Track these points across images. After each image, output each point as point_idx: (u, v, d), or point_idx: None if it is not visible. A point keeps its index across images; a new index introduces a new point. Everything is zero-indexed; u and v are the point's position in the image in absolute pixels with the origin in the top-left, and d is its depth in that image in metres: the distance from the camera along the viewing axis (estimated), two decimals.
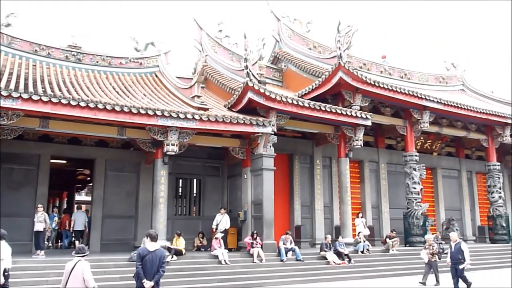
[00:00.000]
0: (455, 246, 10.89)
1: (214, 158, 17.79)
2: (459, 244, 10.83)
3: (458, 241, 10.96)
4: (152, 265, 6.59)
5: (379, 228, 20.25)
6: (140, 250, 6.75)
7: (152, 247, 6.72)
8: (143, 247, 6.82)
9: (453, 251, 10.86)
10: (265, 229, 14.73)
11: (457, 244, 10.86)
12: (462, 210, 23.77)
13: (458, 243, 10.88)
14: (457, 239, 11.04)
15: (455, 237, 11.06)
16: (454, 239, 11.01)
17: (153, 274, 6.58)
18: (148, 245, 6.75)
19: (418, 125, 19.24)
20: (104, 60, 18.13)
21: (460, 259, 10.66)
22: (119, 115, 12.43)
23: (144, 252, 6.66)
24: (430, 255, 12.14)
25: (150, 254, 6.63)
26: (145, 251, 6.67)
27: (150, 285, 6.52)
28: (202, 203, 17.71)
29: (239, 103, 15.43)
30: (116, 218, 15.82)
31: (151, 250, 6.67)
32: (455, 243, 10.93)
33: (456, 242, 10.93)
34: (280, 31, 22.50)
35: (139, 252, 6.68)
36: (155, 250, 6.69)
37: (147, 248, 6.70)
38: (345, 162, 17.57)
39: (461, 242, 10.90)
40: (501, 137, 22.16)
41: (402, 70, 24.75)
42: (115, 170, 16.18)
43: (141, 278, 6.52)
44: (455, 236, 11.13)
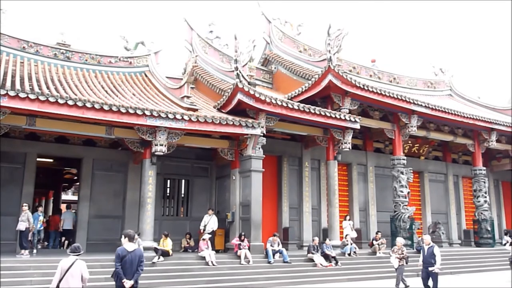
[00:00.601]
0: (428, 249, 10.69)
1: (203, 159, 17.75)
2: (432, 248, 10.63)
3: (431, 244, 10.78)
4: (131, 264, 6.75)
5: (367, 230, 20.36)
6: (119, 250, 6.83)
7: (130, 247, 6.88)
8: (122, 248, 6.90)
9: (426, 254, 10.69)
10: (253, 230, 14.74)
11: (430, 248, 10.67)
12: (448, 214, 24.00)
13: (431, 246, 10.68)
14: (430, 242, 10.87)
15: (428, 241, 10.89)
16: (427, 242, 10.84)
17: (133, 274, 6.75)
18: (126, 245, 6.88)
19: (406, 129, 19.40)
20: (93, 59, 17.99)
21: (432, 263, 10.49)
22: (107, 114, 12.35)
23: (123, 252, 6.79)
24: (399, 259, 11.72)
25: (129, 254, 6.79)
26: (124, 251, 6.80)
27: (130, 284, 6.66)
28: (190, 204, 17.65)
29: (228, 104, 15.43)
30: (103, 218, 15.70)
31: (130, 250, 6.83)
32: (428, 247, 10.73)
33: (429, 245, 10.74)
34: (271, 33, 22.53)
35: (119, 253, 6.79)
36: (133, 250, 6.86)
37: (126, 249, 6.83)
38: (333, 165, 17.64)
39: (434, 246, 10.72)
40: (487, 142, 22.43)
41: (391, 74, 24.95)
42: (102, 170, 16.06)
43: (121, 278, 6.65)
44: (428, 239, 10.97)
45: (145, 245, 13.07)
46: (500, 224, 26.33)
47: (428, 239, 10.94)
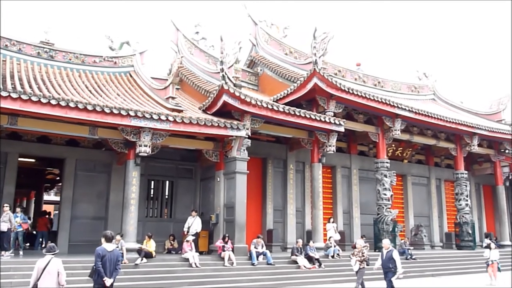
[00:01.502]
0: (386, 253, 10.17)
1: (187, 160, 17.68)
2: (390, 252, 10.12)
3: (390, 248, 10.27)
4: (110, 264, 7.21)
5: (350, 233, 20.50)
6: (100, 250, 7.22)
7: (109, 247, 7.32)
8: (102, 248, 7.27)
9: (384, 258, 10.18)
10: (237, 232, 14.72)
11: (388, 252, 10.16)
12: (431, 217, 24.30)
13: (390, 251, 10.18)
14: (389, 246, 10.39)
15: (387, 245, 10.40)
16: (386, 246, 10.33)
17: (112, 272, 7.21)
18: (106, 246, 7.30)
19: (390, 133, 19.60)
20: (77, 58, 17.80)
21: (390, 267, 9.96)
22: (91, 114, 12.23)
23: (103, 252, 7.20)
24: (359, 262, 11.08)
25: (108, 253, 7.23)
26: (104, 251, 7.22)
27: (110, 282, 7.13)
28: (174, 205, 17.56)
29: (214, 105, 15.40)
30: (85, 219, 15.54)
31: (109, 250, 7.27)
32: (387, 251, 10.21)
33: (388, 249, 10.23)
34: (257, 35, 22.57)
35: (99, 252, 7.18)
36: (112, 250, 7.33)
37: (105, 249, 7.26)
38: (318, 167, 17.73)
39: (393, 250, 10.23)
40: (469, 146, 22.79)
41: (376, 78, 25.19)
42: (85, 170, 15.90)
43: (102, 276, 7.06)
44: (387, 243, 10.49)
45: (128, 246, 12.97)
46: (481, 227, 26.75)
47: (387, 243, 10.50)
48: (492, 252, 14.99)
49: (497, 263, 14.80)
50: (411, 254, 18.25)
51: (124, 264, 12.51)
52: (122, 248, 12.74)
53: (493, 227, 27.50)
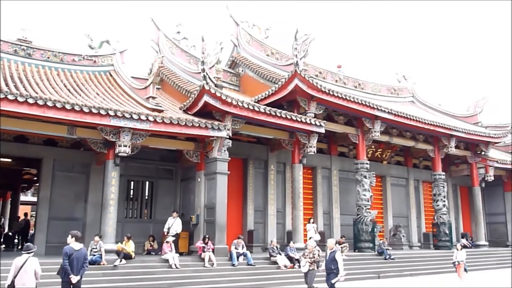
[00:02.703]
0: (329, 254, 9.68)
1: (168, 161, 17.55)
2: (333, 253, 9.60)
3: (334, 249, 9.75)
4: (77, 262, 7.57)
5: (330, 233, 20.63)
6: (67, 249, 7.59)
7: (77, 246, 7.67)
8: (69, 247, 7.64)
9: (327, 259, 9.69)
10: (217, 233, 14.69)
11: (332, 253, 9.64)
12: (409, 217, 24.65)
13: (333, 251, 9.66)
14: (334, 246, 9.87)
15: (331, 245, 9.86)
16: (331, 246, 9.81)
17: (78, 270, 7.57)
18: (73, 245, 7.66)
19: (370, 134, 19.82)
20: (56, 56, 17.50)
21: (332, 269, 9.47)
22: (69, 113, 12.05)
23: (70, 251, 7.58)
24: (310, 263, 10.48)
25: (75, 252, 7.60)
26: (71, 250, 7.59)
27: (76, 279, 7.50)
28: (154, 206, 17.42)
29: (194, 106, 15.34)
30: (63, 220, 15.24)
31: (76, 249, 7.64)
32: (330, 251, 9.71)
33: (331, 250, 9.71)
34: (238, 35, 22.57)
35: (66, 251, 7.55)
36: (80, 249, 7.68)
37: (72, 247, 7.62)
38: (298, 168, 17.82)
39: (336, 251, 9.72)
40: (447, 148, 23.20)
41: (356, 80, 25.44)
42: (63, 171, 15.63)
43: (68, 274, 7.42)
44: (332, 243, 9.95)
45: (107, 247, 12.82)
46: (457, 228, 27.26)
47: (331, 243, 9.95)
48: (459, 253, 15.09)
49: (463, 264, 14.84)
50: (390, 254, 18.49)
51: (102, 265, 12.39)
52: (100, 249, 12.60)
53: (469, 227, 28.08)
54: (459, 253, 15.12)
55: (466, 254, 15.41)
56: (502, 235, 28.49)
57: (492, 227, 29.21)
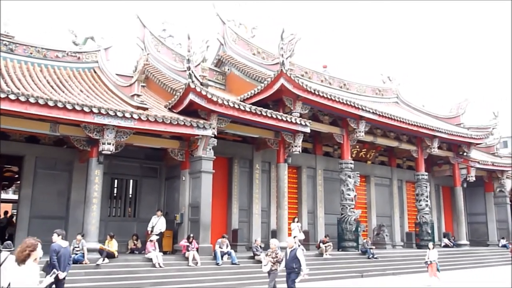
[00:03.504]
0: (290, 253, 9.33)
1: (152, 159, 17.44)
2: (294, 251, 9.28)
3: (294, 247, 9.41)
4: (64, 259, 7.95)
5: (314, 232, 20.73)
6: (56, 246, 7.94)
7: (63, 244, 8.05)
8: (57, 244, 7.98)
9: (288, 258, 9.31)
10: (202, 232, 14.64)
11: (292, 251, 9.31)
12: (392, 217, 24.90)
13: (294, 249, 9.32)
14: (294, 245, 9.50)
15: (291, 243, 9.54)
16: (290, 245, 9.47)
17: (65, 267, 7.96)
18: (60, 242, 8.03)
19: (354, 134, 19.96)
20: (39, 52, 17.21)
21: (294, 268, 9.12)
22: (52, 110, 11.88)
23: (59, 248, 7.95)
24: (272, 263, 9.94)
25: (63, 249, 7.97)
26: (59, 247, 7.95)
27: (63, 275, 7.89)
28: (137, 204, 17.28)
29: (180, 104, 15.26)
30: (45, 219, 15.00)
31: (63, 246, 8.00)
32: (290, 250, 9.35)
33: (292, 248, 9.36)
34: (225, 34, 22.52)
35: (55, 248, 7.91)
36: (66, 246, 8.05)
37: (60, 245, 7.99)
38: (283, 168, 17.86)
39: (297, 249, 9.34)
40: (430, 148, 23.49)
41: (341, 80, 25.59)
42: (45, 168, 15.40)
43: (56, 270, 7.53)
44: (292, 241, 9.64)
45: (90, 246, 12.68)
46: (439, 227, 27.62)
47: (291, 241, 9.66)
48: (431, 253, 15.14)
49: (436, 264, 14.90)
50: (373, 254, 18.65)
51: (85, 264, 12.26)
52: (83, 248, 12.45)
53: (451, 227, 28.50)
54: (431, 252, 15.16)
55: (438, 254, 15.48)
56: (483, 235, 29.00)
57: (473, 227, 29.71)
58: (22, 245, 4.94)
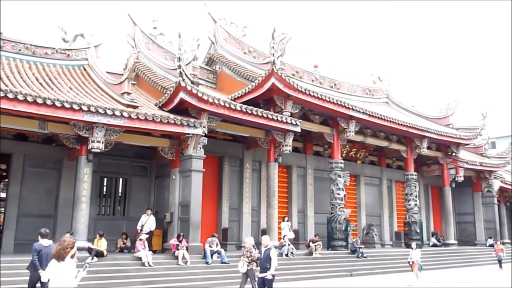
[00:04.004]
0: (264, 252, 9.13)
1: (142, 158, 17.36)
2: (268, 251, 9.05)
3: (269, 246, 9.18)
4: (46, 258, 7.71)
5: (304, 231, 20.80)
6: (37, 245, 7.94)
7: (45, 242, 8.01)
8: (39, 243, 7.98)
9: (262, 257, 9.16)
10: (192, 231, 14.61)
11: (266, 250, 9.10)
12: (382, 216, 25.05)
13: (268, 249, 9.10)
14: (268, 244, 9.26)
15: (266, 242, 9.28)
16: (265, 244, 9.23)
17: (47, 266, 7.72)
18: (42, 241, 8.00)
19: (345, 134, 20.03)
20: (27, 49, 17.01)
21: (267, 268, 8.88)
22: (41, 108, 11.77)
23: (40, 247, 7.93)
24: (248, 262, 9.76)
25: (44, 248, 7.92)
26: (40, 246, 7.94)
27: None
28: (127, 203, 17.20)
29: (170, 102, 15.20)
30: (33, 217, 14.89)
31: (45, 245, 7.95)
32: (265, 249, 9.16)
33: (266, 247, 9.16)
34: (216, 33, 22.48)
35: (36, 247, 7.91)
36: (48, 245, 7.96)
37: (42, 244, 7.97)
38: (274, 167, 17.88)
39: (271, 249, 9.10)
40: (419, 148, 23.66)
41: (332, 80, 25.66)
42: (34, 166, 15.27)
43: (37, 269, 7.73)
44: (266, 240, 9.35)
45: (78, 245, 12.52)
46: (428, 226, 27.86)
47: (266, 240, 9.37)
48: (414, 253, 15.17)
49: (418, 263, 14.89)
50: (362, 253, 18.76)
51: None
52: None
53: (439, 226, 28.77)
54: (414, 252, 15.18)
55: (421, 254, 15.50)
56: (471, 234, 29.32)
57: (461, 227, 30.03)
58: (62, 243, 5.54)
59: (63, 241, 5.60)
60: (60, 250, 5.49)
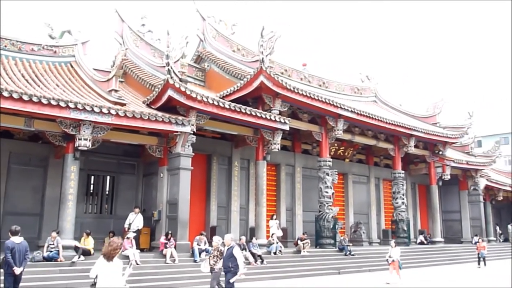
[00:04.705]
0: (227, 251, 8.68)
1: (130, 156, 17.25)
2: (231, 249, 8.58)
3: (231, 245, 8.70)
4: (19, 254, 8.12)
5: (293, 230, 20.86)
6: (9, 243, 8.12)
7: (17, 240, 8.21)
8: (10, 241, 8.16)
9: (224, 256, 8.70)
10: (180, 229, 14.57)
11: (229, 249, 8.63)
12: (369, 214, 25.21)
13: (231, 247, 8.63)
14: (231, 242, 8.78)
15: (228, 240, 8.82)
16: (227, 242, 8.79)
17: (21, 262, 8.17)
18: (14, 239, 8.19)
19: (333, 132, 20.11)
20: (13, 45, 16.79)
21: (230, 267, 8.48)
22: (27, 105, 11.64)
23: (12, 244, 8.12)
24: (215, 262, 9.32)
25: (17, 245, 8.12)
26: (13, 244, 8.13)
27: (19, 270, 8.10)
28: (114, 201, 17.08)
29: (158, 100, 15.12)
30: (18, 215, 14.66)
31: (17, 242, 8.17)
32: (227, 248, 8.70)
33: (229, 246, 8.69)
34: (205, 30, 22.40)
35: (8, 245, 8.08)
36: (20, 242, 8.23)
37: (13, 241, 8.16)
38: (262, 165, 17.89)
39: (234, 247, 8.65)
40: (406, 147, 23.85)
41: (321, 78, 25.74)
42: (20, 164, 15.06)
43: (11, 266, 7.98)
44: (228, 239, 8.90)
45: (65, 243, 12.48)
46: (415, 224, 28.12)
47: (228, 238, 8.94)
48: (393, 251, 15.01)
49: (398, 261, 14.74)
50: (350, 251, 18.87)
51: (59, 262, 12.07)
52: (58, 245, 12.25)
53: (426, 224, 29.04)
54: (393, 250, 15.00)
55: (400, 252, 15.35)
56: (457, 232, 29.70)
57: (448, 224, 30.38)
58: (112, 244, 5.97)
59: (113, 242, 6.03)
60: (111, 250, 5.92)
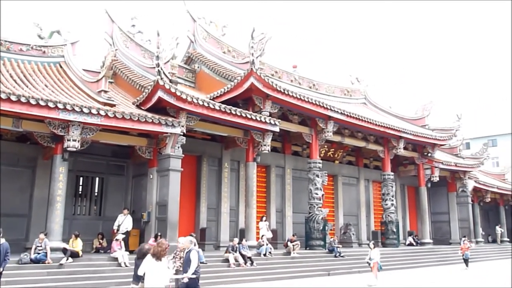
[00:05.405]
0: (185, 255, 8.30)
1: (119, 157, 17.15)
2: (189, 253, 8.17)
3: (190, 248, 8.30)
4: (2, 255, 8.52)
5: (283, 231, 20.87)
6: None
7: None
8: None
9: (184, 260, 8.36)
10: (169, 231, 14.50)
11: (187, 253, 8.24)
12: (359, 216, 25.32)
13: (189, 251, 8.22)
14: (189, 245, 8.45)
15: (186, 243, 8.54)
16: (186, 246, 8.52)
17: (1, 263, 8.61)
18: None
19: (323, 134, 20.19)
20: (1, 45, 16.58)
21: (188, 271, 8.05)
22: (15, 105, 11.54)
23: None
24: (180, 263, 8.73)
25: None
26: None
27: None
28: (103, 203, 16.97)
29: (148, 101, 15.06)
30: (5, 217, 14.47)
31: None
32: (186, 251, 8.34)
33: (188, 249, 8.33)
34: (195, 32, 22.37)
35: None
36: (2, 243, 8.62)
37: None
38: (252, 166, 17.90)
39: (192, 250, 8.19)
40: (396, 149, 24.03)
41: (311, 80, 25.82)
42: (7, 165, 14.87)
43: None
44: (186, 242, 8.62)
45: (53, 245, 12.37)
46: (404, 226, 28.30)
47: (185, 242, 8.67)
48: (373, 252, 14.94)
49: (377, 263, 14.67)
50: (340, 252, 18.94)
51: (47, 264, 11.96)
52: (45, 247, 12.13)
53: (415, 225, 29.23)
54: (372, 252, 14.92)
55: (380, 253, 15.26)
56: (446, 233, 29.94)
57: (437, 226, 30.63)
58: (161, 246, 6.50)
59: (161, 243, 6.56)
60: (160, 251, 6.44)
